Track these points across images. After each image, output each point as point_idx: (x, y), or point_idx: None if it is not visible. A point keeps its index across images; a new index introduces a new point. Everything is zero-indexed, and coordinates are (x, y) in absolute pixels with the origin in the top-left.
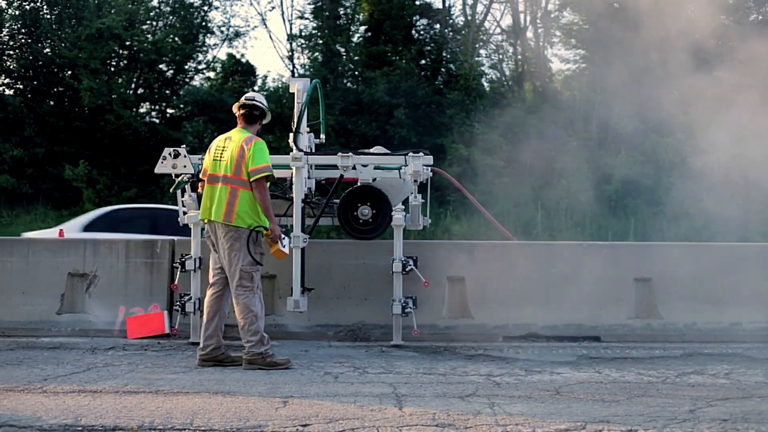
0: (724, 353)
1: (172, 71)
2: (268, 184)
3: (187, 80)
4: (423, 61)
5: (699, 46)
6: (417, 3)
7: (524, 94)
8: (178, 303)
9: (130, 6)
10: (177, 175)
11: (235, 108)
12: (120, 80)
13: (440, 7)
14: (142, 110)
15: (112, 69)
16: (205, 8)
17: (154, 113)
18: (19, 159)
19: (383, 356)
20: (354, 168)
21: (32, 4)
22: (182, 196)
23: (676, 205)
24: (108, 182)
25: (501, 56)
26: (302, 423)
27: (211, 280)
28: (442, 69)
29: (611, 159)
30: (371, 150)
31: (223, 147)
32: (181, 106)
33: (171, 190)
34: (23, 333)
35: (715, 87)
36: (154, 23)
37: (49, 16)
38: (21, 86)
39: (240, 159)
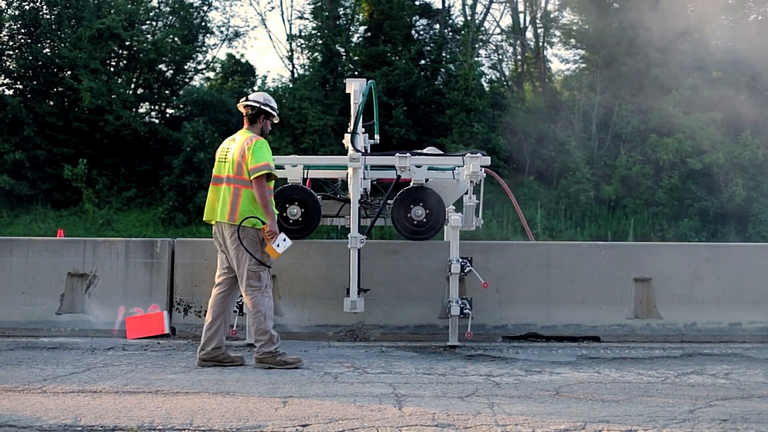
0: (723, 353)
1: (171, 71)
2: (272, 183)
3: (186, 80)
4: (422, 61)
5: (698, 46)
6: (416, 3)
7: (524, 94)
8: (236, 304)
9: (129, 6)
10: None
11: (240, 108)
12: (120, 80)
13: (440, 7)
14: (141, 110)
15: (112, 69)
16: (205, 8)
17: (153, 113)
18: (19, 159)
19: (383, 356)
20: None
21: (32, 4)
22: None
23: (675, 205)
24: (108, 182)
25: (500, 56)
26: (302, 423)
27: (217, 280)
28: (442, 69)
29: (611, 159)
30: (425, 150)
31: (228, 148)
32: (181, 106)
33: None
34: (23, 333)
35: (713, 87)
36: (154, 23)
37: (48, 16)
38: (20, 86)
39: (241, 159)
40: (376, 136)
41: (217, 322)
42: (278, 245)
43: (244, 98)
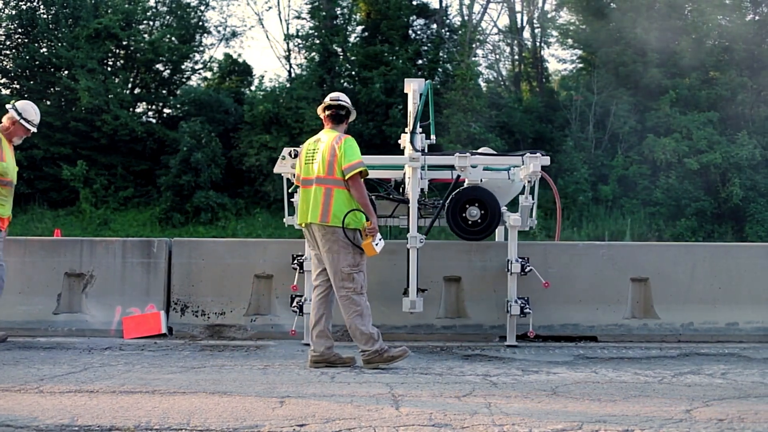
0: (720, 353)
1: (168, 71)
2: (363, 180)
3: (183, 80)
4: (420, 61)
5: (695, 46)
6: (414, 3)
7: (521, 95)
8: (296, 304)
9: (126, 6)
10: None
11: (319, 110)
12: (117, 80)
13: (437, 7)
14: (138, 110)
15: (109, 69)
16: (202, 8)
17: (150, 113)
18: (16, 159)
19: None
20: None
21: (29, 4)
22: (291, 197)
23: (672, 205)
24: (105, 182)
25: (498, 56)
26: (299, 423)
27: (314, 283)
28: (439, 69)
29: (608, 159)
30: (479, 150)
31: (314, 149)
32: (178, 106)
33: (289, 191)
34: (20, 333)
35: (710, 87)
36: (151, 23)
37: (45, 16)
38: (17, 86)
39: (332, 158)
40: (432, 137)
41: (320, 324)
42: (377, 244)
43: (332, 98)
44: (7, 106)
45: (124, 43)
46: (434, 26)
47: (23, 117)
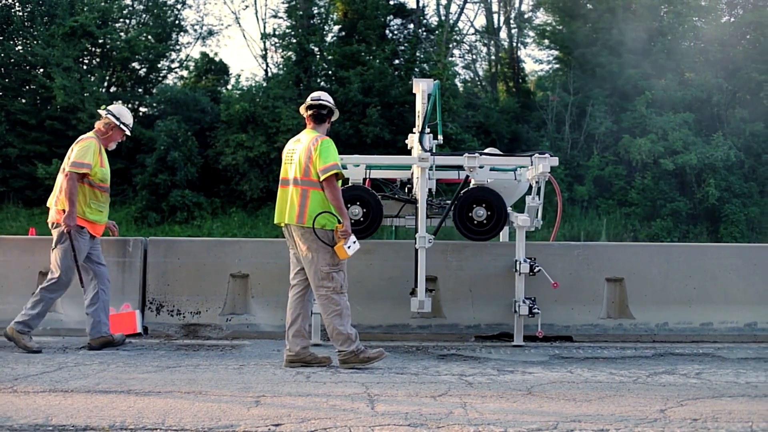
0: (694, 353)
1: (145, 70)
2: (340, 182)
3: (160, 79)
4: (396, 61)
5: (671, 47)
6: (391, 3)
7: (497, 95)
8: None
9: (103, 4)
10: None
11: (302, 109)
12: (93, 78)
13: (414, 7)
14: None
15: (85, 67)
16: (179, 6)
17: None
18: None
19: None
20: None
21: (4, 2)
22: None
23: (648, 206)
24: None
25: (474, 56)
26: (274, 423)
27: (291, 282)
28: (416, 69)
29: (584, 159)
30: (486, 150)
31: (293, 150)
32: (154, 104)
33: None
34: None
35: (686, 88)
36: (127, 21)
37: (21, 14)
38: None
39: (308, 160)
40: (440, 137)
41: (296, 324)
42: (349, 246)
43: (314, 98)
44: (100, 111)
45: (100, 41)
46: (411, 26)
47: (122, 122)
